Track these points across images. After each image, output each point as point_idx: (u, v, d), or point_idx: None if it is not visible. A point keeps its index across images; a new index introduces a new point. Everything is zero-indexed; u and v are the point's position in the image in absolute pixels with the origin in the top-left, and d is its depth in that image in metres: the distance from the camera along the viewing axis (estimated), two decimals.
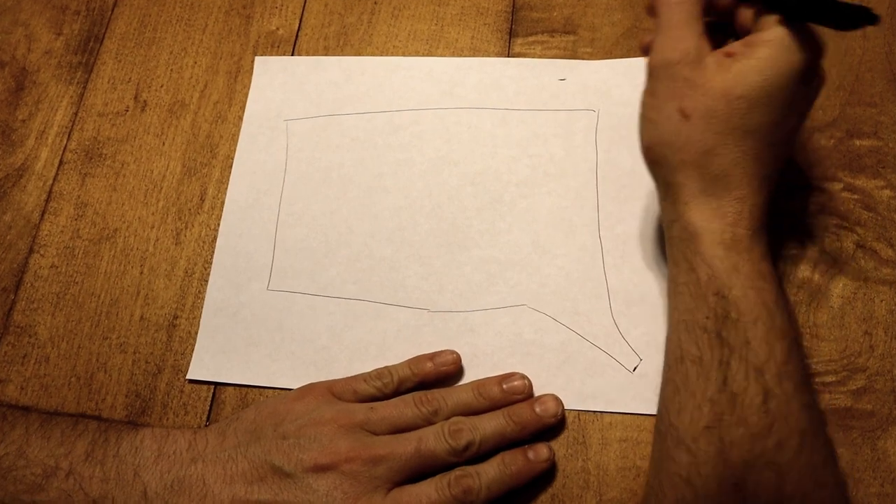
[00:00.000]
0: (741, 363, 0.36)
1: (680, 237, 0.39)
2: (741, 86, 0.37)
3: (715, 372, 0.36)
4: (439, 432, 0.40)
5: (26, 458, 0.39)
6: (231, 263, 0.49)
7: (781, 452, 0.34)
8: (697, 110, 0.37)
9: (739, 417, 0.35)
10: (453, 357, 0.44)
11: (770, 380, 0.35)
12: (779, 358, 0.36)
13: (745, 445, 0.35)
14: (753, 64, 0.37)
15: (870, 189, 0.47)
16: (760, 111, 0.37)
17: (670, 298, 0.40)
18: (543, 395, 0.43)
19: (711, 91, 0.37)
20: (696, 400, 0.36)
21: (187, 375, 0.46)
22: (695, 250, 0.38)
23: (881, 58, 0.50)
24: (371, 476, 0.39)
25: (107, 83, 0.56)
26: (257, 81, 0.55)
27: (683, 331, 0.38)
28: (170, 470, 0.39)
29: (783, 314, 0.37)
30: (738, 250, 0.37)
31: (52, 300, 0.49)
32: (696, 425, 0.36)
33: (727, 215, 0.38)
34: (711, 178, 0.38)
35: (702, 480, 0.35)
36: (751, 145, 0.37)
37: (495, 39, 0.54)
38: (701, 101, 0.37)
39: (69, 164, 0.53)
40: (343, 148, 0.52)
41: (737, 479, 0.34)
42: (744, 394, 0.35)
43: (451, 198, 0.50)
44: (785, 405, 0.35)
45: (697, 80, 0.37)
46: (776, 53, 0.36)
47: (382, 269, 0.48)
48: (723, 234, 0.38)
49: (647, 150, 0.40)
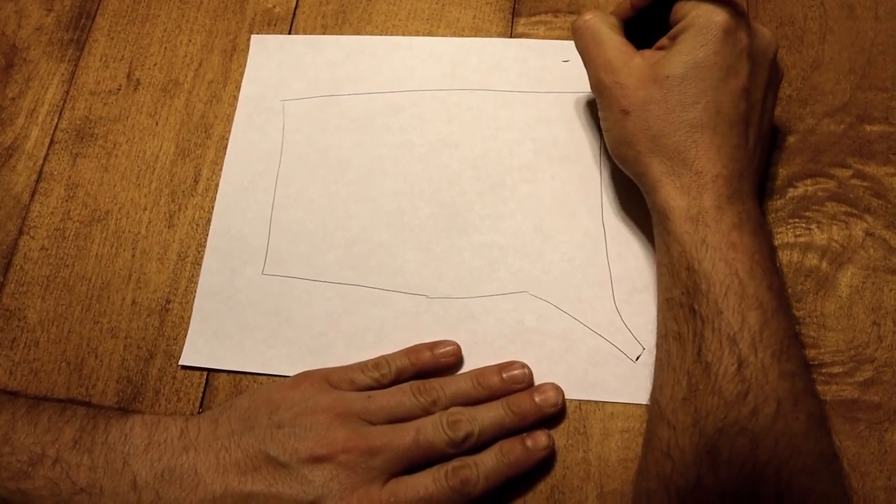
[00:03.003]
0: (714, 333, 0.36)
1: (657, 220, 0.41)
2: (668, 67, 0.40)
3: (690, 344, 0.37)
4: (437, 423, 0.40)
5: (12, 445, 0.38)
6: (225, 247, 0.48)
7: (756, 419, 0.34)
8: (634, 104, 0.40)
9: (713, 387, 0.35)
10: (453, 348, 0.44)
11: (744, 348, 0.35)
12: (753, 327, 0.36)
13: (719, 414, 0.35)
14: (677, 47, 0.40)
15: (880, 176, 0.46)
16: (693, 83, 0.39)
17: (656, 280, 0.41)
18: (543, 385, 0.42)
19: (641, 83, 0.40)
20: (675, 374, 0.37)
21: (180, 361, 0.45)
22: (667, 230, 0.39)
23: (894, 41, 0.49)
24: (368, 467, 0.38)
25: (99, 61, 0.55)
26: (253, 61, 0.53)
27: (666, 309, 0.39)
28: (160, 458, 0.38)
29: (758, 283, 0.37)
30: (706, 222, 0.38)
31: (42, 283, 0.48)
32: (675, 399, 0.36)
33: (690, 190, 0.39)
34: (669, 159, 0.40)
35: (679, 452, 0.35)
36: (695, 116, 0.39)
37: (498, 19, 0.53)
38: (635, 95, 0.40)
39: (60, 143, 0.52)
40: (341, 129, 0.51)
41: (710, 447, 0.34)
42: (718, 363, 0.35)
43: (452, 181, 0.48)
44: (761, 373, 0.35)
45: (626, 81, 0.41)
46: (694, 29, 0.40)
47: (381, 254, 0.47)
48: (689, 210, 0.38)
49: (613, 153, 0.43)
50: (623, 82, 0.41)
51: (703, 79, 0.39)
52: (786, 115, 0.48)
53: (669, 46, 0.41)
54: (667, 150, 0.40)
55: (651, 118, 0.40)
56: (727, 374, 0.35)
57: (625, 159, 0.42)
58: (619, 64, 0.41)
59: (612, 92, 0.41)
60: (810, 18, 0.50)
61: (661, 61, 0.40)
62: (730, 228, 0.38)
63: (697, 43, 0.39)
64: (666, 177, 0.40)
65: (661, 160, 0.40)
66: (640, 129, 0.40)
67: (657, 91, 0.40)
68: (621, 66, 0.41)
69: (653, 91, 0.40)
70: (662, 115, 0.40)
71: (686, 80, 0.39)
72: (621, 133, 0.41)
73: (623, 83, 0.41)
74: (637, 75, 0.41)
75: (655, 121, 0.40)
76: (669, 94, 0.39)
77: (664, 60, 0.40)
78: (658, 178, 0.40)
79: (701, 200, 0.38)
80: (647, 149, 0.40)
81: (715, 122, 0.39)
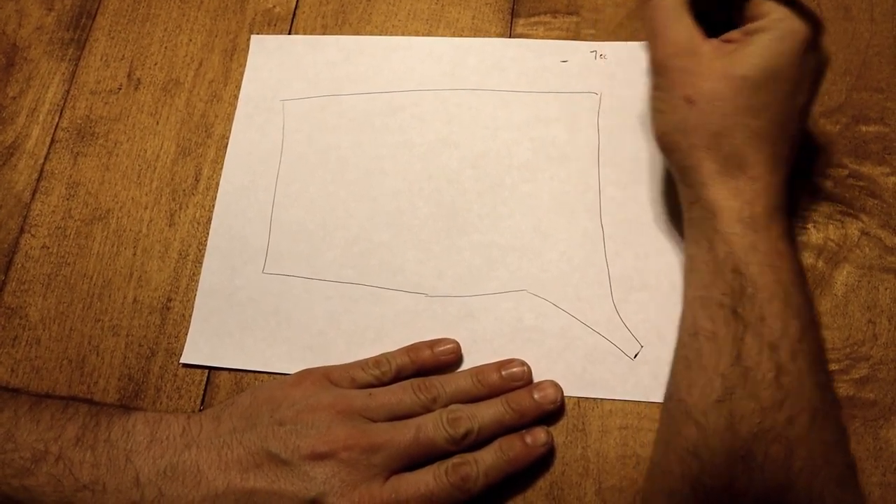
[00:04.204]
0: (755, 338, 0.36)
1: (700, 217, 0.39)
2: (742, 67, 0.38)
3: (729, 346, 0.36)
4: (438, 420, 0.40)
5: (15, 442, 0.38)
6: (226, 246, 0.48)
7: (792, 427, 0.34)
8: (702, 95, 0.38)
9: (751, 392, 0.35)
10: (453, 346, 0.44)
11: (784, 356, 0.35)
12: (793, 335, 0.36)
13: (756, 419, 0.35)
14: (753, 49, 0.38)
15: (875, 176, 0.46)
16: (766, 90, 0.38)
17: (686, 276, 0.40)
18: (543, 382, 0.42)
19: (712, 75, 0.38)
20: (707, 374, 0.36)
21: (181, 359, 0.46)
22: (714, 228, 0.38)
23: (889, 42, 0.49)
24: (369, 464, 0.38)
25: (99, 60, 0.55)
26: (253, 60, 0.53)
27: (699, 307, 0.38)
28: (163, 455, 0.38)
29: (800, 293, 0.37)
30: (756, 228, 0.37)
31: (44, 281, 0.48)
32: (706, 399, 0.36)
33: (744, 193, 0.38)
34: (724, 158, 0.38)
35: (709, 453, 0.35)
36: (761, 125, 0.38)
37: (497, 20, 0.53)
38: (703, 85, 0.38)
39: (61, 142, 0.52)
40: (341, 129, 0.51)
41: (745, 452, 0.34)
42: (757, 368, 0.35)
43: (451, 181, 0.49)
44: (798, 382, 0.35)
45: (695, 68, 0.39)
46: (775, 34, 0.38)
47: (381, 253, 0.47)
48: (741, 212, 0.38)
49: (660, 138, 0.41)
50: (691, 69, 0.39)
51: (777, 89, 0.38)
52: None
53: (743, 42, 0.38)
54: (724, 150, 0.38)
55: (716, 114, 0.38)
56: (765, 381, 0.35)
57: (674, 147, 0.40)
58: (689, 47, 0.39)
59: (678, 76, 0.39)
60: None
61: (734, 57, 0.38)
62: (778, 237, 0.38)
63: (777, 50, 0.38)
64: (719, 176, 0.38)
65: (715, 158, 0.38)
66: (702, 122, 0.38)
67: (727, 88, 0.38)
68: (691, 51, 0.39)
69: (722, 87, 0.38)
70: (729, 115, 0.38)
71: (759, 86, 0.38)
72: (678, 120, 0.39)
73: (691, 70, 0.39)
74: (707, 65, 0.38)
75: (720, 118, 0.38)
76: (740, 95, 0.38)
77: (738, 57, 0.38)
78: (710, 176, 0.38)
79: (753, 206, 0.38)
80: (704, 143, 0.38)
81: (777, 133, 0.38)
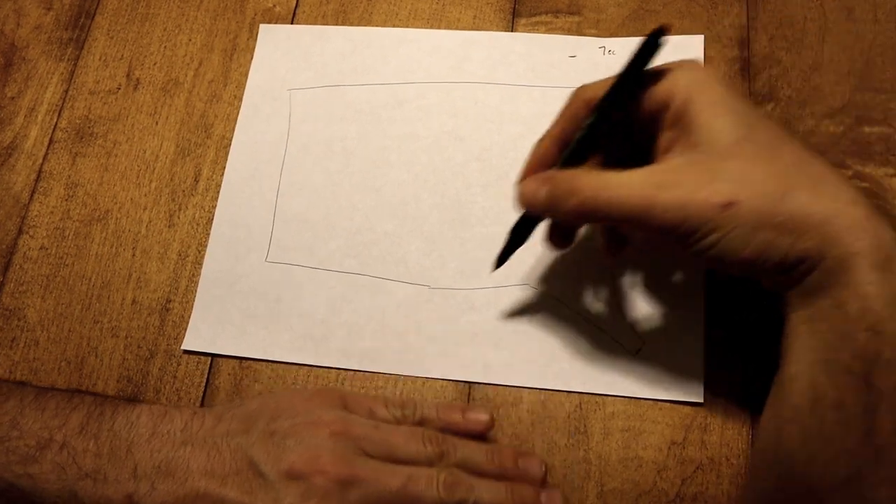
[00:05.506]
0: (890, 413, 0.30)
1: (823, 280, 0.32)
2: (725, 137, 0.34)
3: (857, 420, 0.30)
4: (433, 478, 0.37)
5: (20, 429, 0.38)
6: (229, 234, 0.48)
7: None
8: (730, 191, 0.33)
9: (885, 476, 0.29)
10: (486, 420, 0.41)
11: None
12: None
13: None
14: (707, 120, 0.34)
15: (878, 177, 0.46)
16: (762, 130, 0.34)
17: (800, 340, 0.33)
18: (553, 492, 0.39)
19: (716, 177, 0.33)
20: (833, 449, 0.31)
21: (182, 346, 0.46)
22: (841, 282, 0.31)
23: (893, 43, 0.49)
24: (342, 498, 0.36)
25: (98, 60, 0.55)
26: (261, 50, 0.53)
27: (820, 372, 0.32)
28: (160, 450, 0.38)
29: None
30: (892, 269, 0.31)
31: (42, 282, 0.48)
32: (832, 478, 0.31)
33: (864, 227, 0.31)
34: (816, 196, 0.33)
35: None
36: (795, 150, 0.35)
37: (498, 19, 0.53)
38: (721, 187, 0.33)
39: (59, 143, 0.52)
40: (347, 119, 0.51)
41: None
42: (892, 449, 0.29)
43: (456, 174, 0.49)
44: None
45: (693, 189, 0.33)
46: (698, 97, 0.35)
47: (384, 244, 0.47)
48: (876, 255, 0.31)
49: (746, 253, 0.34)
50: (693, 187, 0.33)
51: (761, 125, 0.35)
52: (785, 116, 0.48)
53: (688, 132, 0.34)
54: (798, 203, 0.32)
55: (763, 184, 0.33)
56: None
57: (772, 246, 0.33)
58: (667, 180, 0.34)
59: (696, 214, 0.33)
60: (810, 20, 0.50)
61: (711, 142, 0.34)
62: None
63: (716, 99, 0.34)
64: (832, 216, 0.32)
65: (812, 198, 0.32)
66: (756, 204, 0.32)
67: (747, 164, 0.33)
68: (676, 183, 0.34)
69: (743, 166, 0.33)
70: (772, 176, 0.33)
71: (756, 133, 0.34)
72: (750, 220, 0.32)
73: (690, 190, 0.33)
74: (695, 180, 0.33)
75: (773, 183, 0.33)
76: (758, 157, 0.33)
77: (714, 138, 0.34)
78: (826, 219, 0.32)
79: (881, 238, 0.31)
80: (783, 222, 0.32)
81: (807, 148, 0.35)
